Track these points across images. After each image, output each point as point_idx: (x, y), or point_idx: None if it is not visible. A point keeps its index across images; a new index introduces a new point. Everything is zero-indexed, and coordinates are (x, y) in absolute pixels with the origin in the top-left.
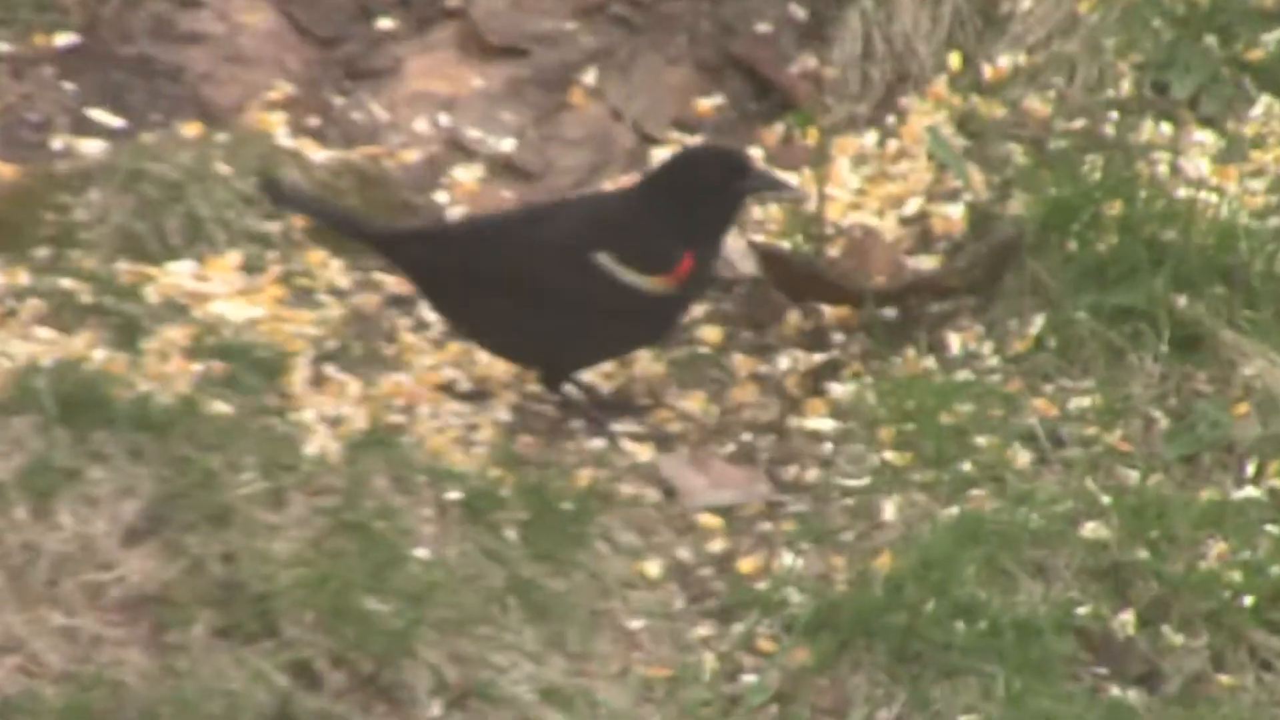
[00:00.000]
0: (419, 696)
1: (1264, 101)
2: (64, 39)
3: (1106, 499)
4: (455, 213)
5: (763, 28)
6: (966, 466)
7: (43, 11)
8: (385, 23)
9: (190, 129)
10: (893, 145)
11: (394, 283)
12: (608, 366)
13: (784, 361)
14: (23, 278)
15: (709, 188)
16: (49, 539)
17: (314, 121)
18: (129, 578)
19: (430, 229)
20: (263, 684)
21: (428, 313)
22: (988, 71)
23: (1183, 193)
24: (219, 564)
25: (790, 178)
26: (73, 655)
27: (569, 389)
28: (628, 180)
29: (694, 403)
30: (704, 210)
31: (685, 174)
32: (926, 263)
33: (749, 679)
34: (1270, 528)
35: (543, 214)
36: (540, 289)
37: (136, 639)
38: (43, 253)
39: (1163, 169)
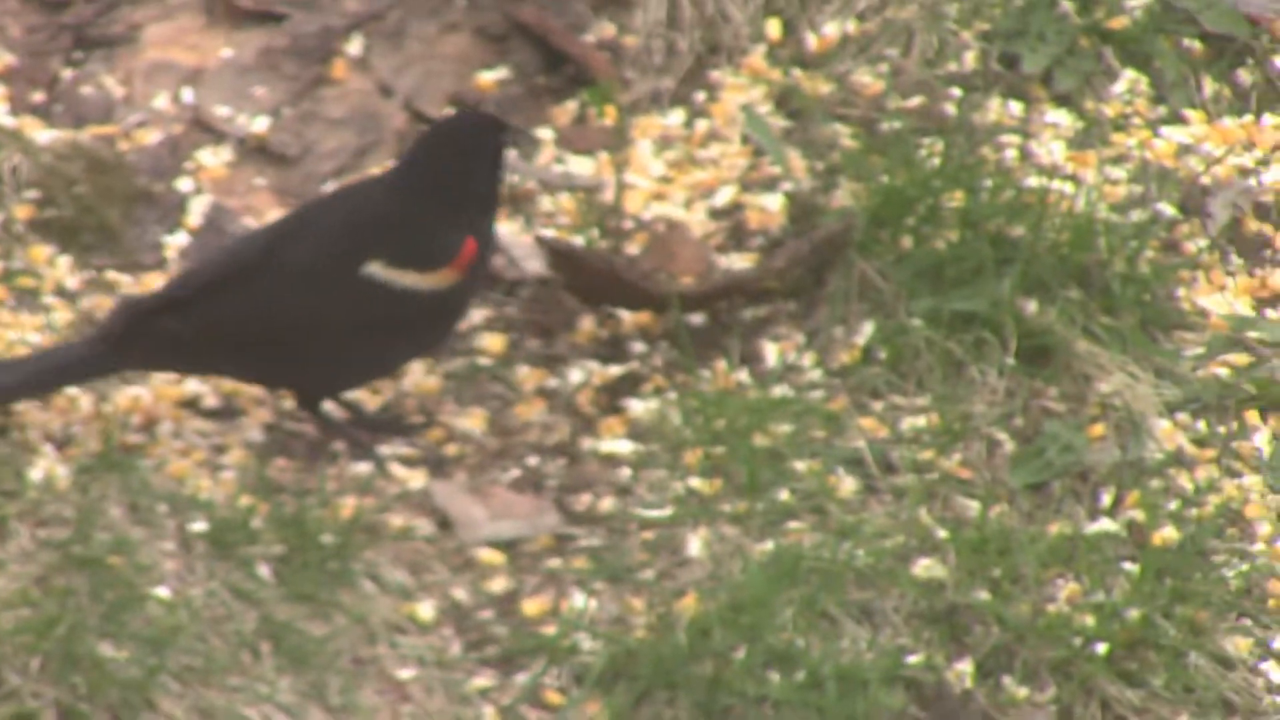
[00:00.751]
0: None
1: (1127, 77)
2: None
3: (943, 533)
4: (199, 201)
5: None
6: (784, 495)
7: None
8: None
9: None
10: (702, 126)
11: (129, 283)
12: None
13: (576, 374)
14: None
15: (475, 154)
16: None
17: (38, 97)
18: None
19: (172, 297)
20: None
21: None
22: (812, 42)
23: (1034, 182)
24: None
25: (584, 163)
26: None
27: (328, 407)
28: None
29: (473, 422)
30: (473, 183)
31: (447, 146)
32: (740, 262)
33: None
34: (1127, 565)
35: (294, 228)
36: (303, 319)
37: None
38: None
39: (1011, 154)
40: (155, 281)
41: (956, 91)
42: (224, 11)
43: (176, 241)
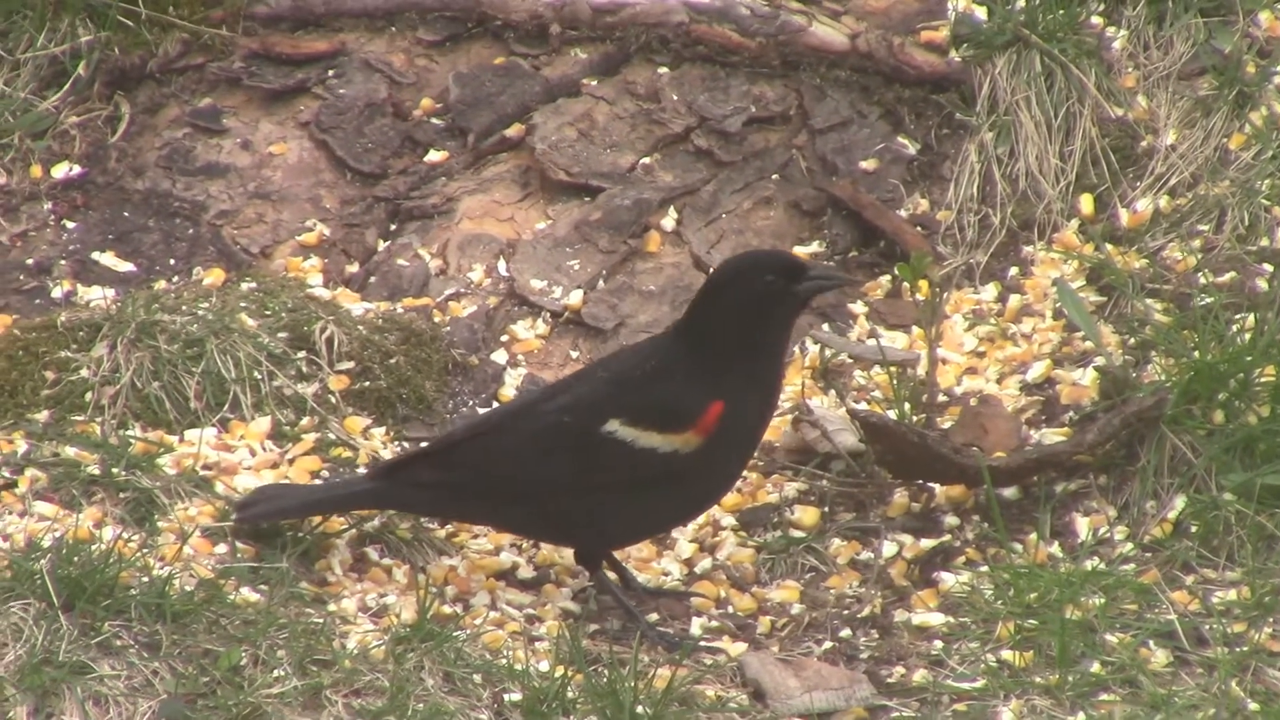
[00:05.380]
0: None
1: None
2: (64, 170)
3: (1254, 705)
4: (513, 376)
5: (867, 165)
6: (1095, 667)
7: (40, 138)
8: (435, 155)
9: (211, 276)
10: (1014, 301)
11: None
12: (687, 551)
13: (888, 547)
14: (20, 445)
15: (754, 296)
16: None
17: (353, 269)
18: None
19: (427, 450)
20: None
21: None
22: (1124, 217)
23: None
24: None
25: (897, 337)
26: None
27: (608, 575)
28: None
29: (786, 593)
30: (748, 332)
31: (725, 290)
32: (1052, 436)
33: None
34: None
35: (566, 384)
36: (547, 476)
37: None
38: (42, 416)
39: None
40: None
41: (1268, 267)
42: (539, 185)
43: None
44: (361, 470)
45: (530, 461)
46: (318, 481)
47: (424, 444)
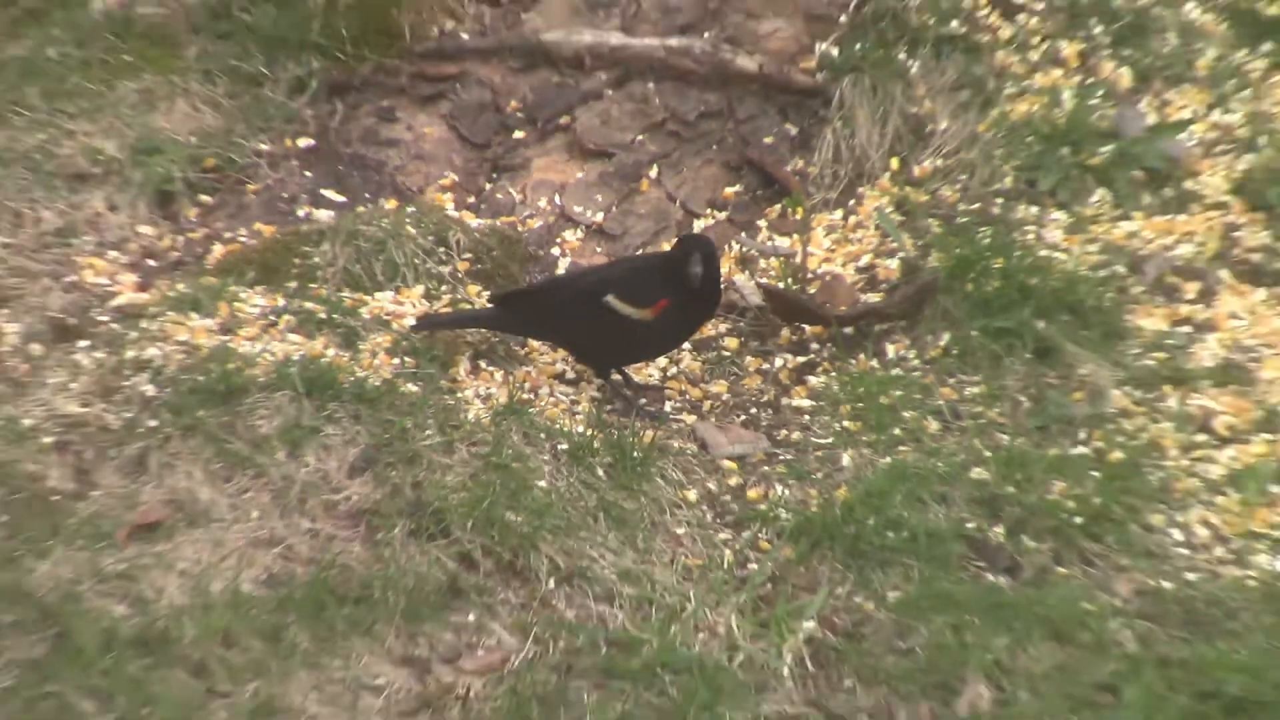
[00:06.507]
0: (541, 576)
1: (1099, 192)
2: (304, 142)
3: (988, 453)
4: (563, 262)
5: (768, 140)
6: (897, 431)
7: (289, 122)
8: (519, 134)
9: (389, 204)
10: (852, 220)
11: None
12: (663, 362)
13: (779, 361)
14: (279, 301)
15: (681, 259)
16: (299, 472)
17: (471, 200)
18: (352, 498)
19: (521, 290)
20: (439, 567)
21: None
22: (916, 170)
23: (1044, 253)
24: (410, 489)
25: (784, 241)
26: (315, 548)
27: (615, 378)
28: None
29: (719, 387)
30: (681, 272)
31: (672, 251)
32: (873, 298)
33: (753, 567)
34: (1093, 472)
35: (587, 273)
36: (581, 321)
37: (357, 538)
38: (292, 285)
39: (1030, 237)
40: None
41: (1000, 200)
42: (579, 151)
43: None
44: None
45: (562, 314)
46: (453, 309)
47: (520, 288)
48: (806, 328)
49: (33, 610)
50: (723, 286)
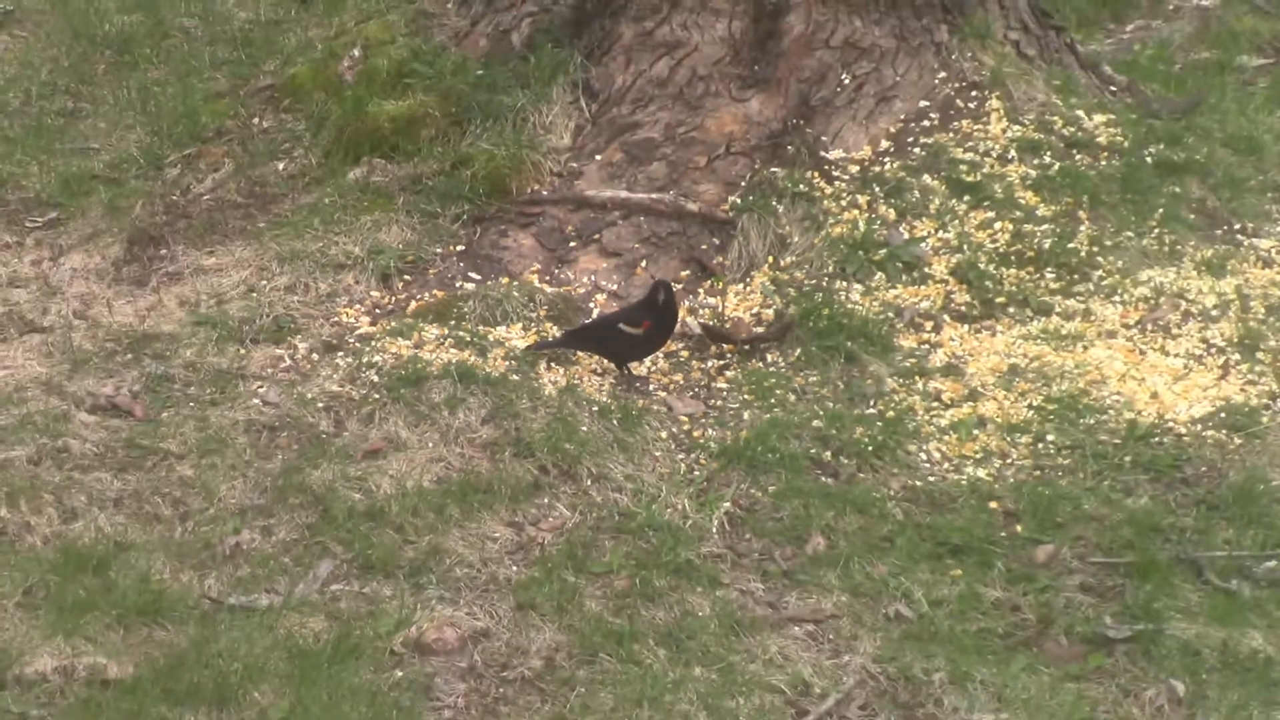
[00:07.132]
0: (582, 478)
1: (879, 274)
2: (459, 248)
3: (821, 413)
4: (594, 311)
5: (704, 247)
6: (772, 401)
7: (451, 238)
8: (572, 244)
9: (504, 281)
10: (748, 289)
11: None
12: (647, 362)
13: (710, 363)
14: (445, 331)
15: (655, 298)
16: (454, 422)
17: (547, 278)
18: (482, 436)
19: (576, 327)
20: (528, 473)
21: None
22: (782, 263)
23: (850, 306)
24: (514, 431)
25: (711, 300)
26: (463, 463)
27: (628, 370)
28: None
29: (678, 377)
30: (656, 306)
31: (651, 293)
32: (760, 329)
33: (697, 473)
34: (878, 423)
35: (608, 315)
36: (606, 339)
37: (486, 458)
38: (452, 323)
39: (843, 298)
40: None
41: (826, 279)
42: (605, 254)
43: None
44: (558, 334)
45: (597, 336)
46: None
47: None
48: (725, 346)
49: (309, 496)
50: (679, 323)
